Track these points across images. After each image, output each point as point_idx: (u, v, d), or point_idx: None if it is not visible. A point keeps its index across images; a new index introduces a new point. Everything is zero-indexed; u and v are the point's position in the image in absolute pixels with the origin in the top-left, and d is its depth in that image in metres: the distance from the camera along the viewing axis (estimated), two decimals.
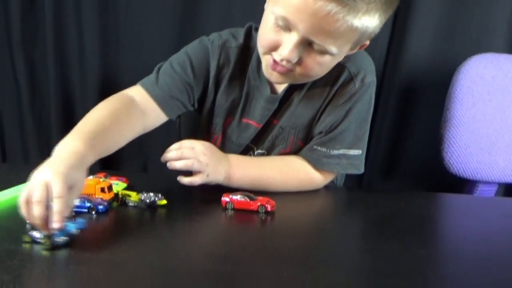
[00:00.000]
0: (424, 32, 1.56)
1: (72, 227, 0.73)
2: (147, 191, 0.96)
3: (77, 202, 0.88)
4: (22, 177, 1.01)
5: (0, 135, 1.76)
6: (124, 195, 0.96)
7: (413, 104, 1.64)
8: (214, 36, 1.15)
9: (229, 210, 0.95)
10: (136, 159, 1.70)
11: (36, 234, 0.72)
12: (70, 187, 0.75)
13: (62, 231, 0.72)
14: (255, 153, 1.19)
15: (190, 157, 0.99)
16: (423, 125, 1.62)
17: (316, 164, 1.12)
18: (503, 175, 1.51)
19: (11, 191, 0.97)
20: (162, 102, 1.09)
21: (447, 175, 1.52)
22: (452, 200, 1.25)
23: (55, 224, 0.71)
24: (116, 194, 0.96)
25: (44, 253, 0.71)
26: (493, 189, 1.57)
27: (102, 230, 0.84)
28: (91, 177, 1.02)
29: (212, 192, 1.01)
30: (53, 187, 0.72)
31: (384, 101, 1.63)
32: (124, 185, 1.03)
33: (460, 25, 1.56)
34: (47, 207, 0.71)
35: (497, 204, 1.24)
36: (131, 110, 1.03)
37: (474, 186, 1.55)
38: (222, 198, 0.96)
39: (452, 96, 1.48)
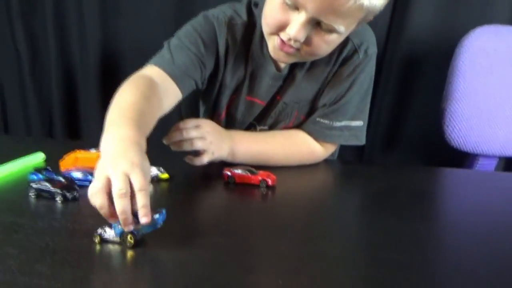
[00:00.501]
0: (427, 2, 1.54)
1: (160, 220, 0.68)
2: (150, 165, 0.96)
3: (79, 175, 0.89)
4: (24, 149, 1.03)
5: (2, 107, 1.76)
6: None
7: (415, 76, 1.63)
8: (217, 12, 1.12)
9: (231, 184, 0.96)
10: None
11: (108, 234, 0.67)
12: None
13: (151, 224, 0.67)
14: (258, 129, 1.20)
15: (196, 136, 0.99)
16: (424, 97, 1.62)
17: (319, 136, 1.13)
18: (503, 149, 1.52)
19: (13, 165, 0.98)
20: (180, 81, 1.04)
21: (448, 148, 1.52)
22: (452, 174, 1.25)
23: (144, 219, 0.66)
24: None
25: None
26: (493, 163, 1.58)
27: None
28: (93, 150, 1.03)
29: (214, 166, 1.02)
30: (134, 179, 0.66)
31: (385, 72, 1.62)
32: None
33: None
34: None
35: (497, 178, 1.25)
36: (156, 91, 0.98)
37: (474, 160, 1.55)
38: (224, 172, 0.97)
39: (454, 69, 1.47)
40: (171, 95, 1.03)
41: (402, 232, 0.79)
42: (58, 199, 0.82)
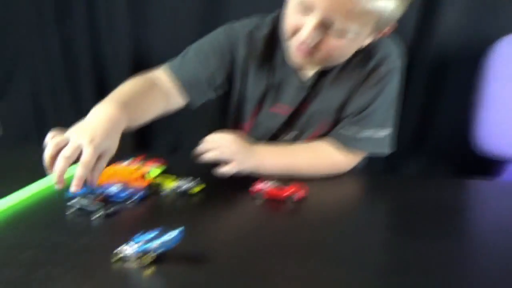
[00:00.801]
0: (458, 5, 1.53)
1: (176, 239, 0.72)
2: (181, 177, 0.99)
3: (116, 189, 0.93)
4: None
5: (36, 115, 1.81)
6: (158, 184, 1.00)
7: (444, 80, 1.63)
8: (238, 25, 1.17)
9: (259, 199, 0.98)
10: (168, 137, 1.75)
11: (128, 251, 0.71)
12: (101, 154, 0.82)
13: (167, 244, 0.71)
14: (287, 136, 1.22)
15: (218, 148, 1.02)
16: (452, 103, 1.62)
17: (345, 145, 1.14)
18: None
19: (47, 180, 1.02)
20: (184, 87, 1.12)
21: (475, 155, 1.52)
22: (484, 186, 1.23)
23: (73, 188, 0.79)
24: (151, 182, 1.00)
25: None
26: None
27: (137, 220, 0.89)
28: (127, 162, 1.06)
29: (244, 180, 1.04)
30: (84, 153, 0.78)
31: (412, 77, 1.61)
32: (160, 170, 1.07)
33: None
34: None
35: None
36: (155, 89, 1.08)
37: (503, 167, 1.55)
38: (252, 187, 0.99)
39: (483, 75, 1.47)
40: (172, 98, 1.11)
41: (431, 253, 0.79)
42: (96, 215, 0.85)
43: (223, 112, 1.29)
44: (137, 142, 1.73)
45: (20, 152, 1.30)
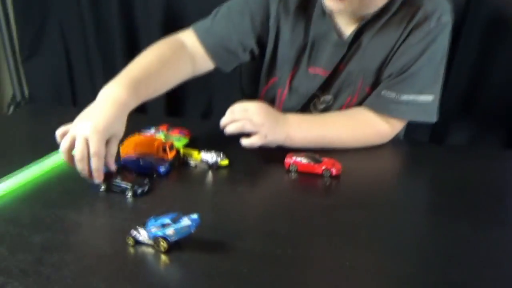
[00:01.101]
0: None
1: (193, 225, 0.65)
2: (209, 149, 0.93)
3: (137, 163, 0.88)
4: None
5: (70, 78, 1.77)
6: (186, 154, 0.94)
7: (498, 42, 1.48)
8: None
9: (292, 173, 0.91)
10: (200, 100, 1.68)
11: (142, 236, 0.67)
12: (108, 139, 0.81)
13: (184, 230, 0.65)
14: (321, 100, 1.13)
15: (242, 119, 0.95)
16: (507, 67, 1.47)
17: (384, 111, 1.05)
18: None
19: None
20: (212, 51, 1.06)
21: None
22: None
23: (97, 181, 0.80)
24: (178, 152, 0.94)
25: None
26: None
27: (165, 193, 0.84)
28: (152, 130, 1.01)
29: (275, 153, 0.97)
30: (90, 144, 0.78)
31: (464, 36, 1.47)
32: (186, 140, 1.01)
33: None
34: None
35: None
36: (180, 54, 1.03)
37: None
38: (286, 160, 0.92)
39: None
40: (199, 62, 1.06)
41: (480, 240, 0.72)
42: (129, 195, 0.80)
43: (256, 77, 1.21)
44: (169, 105, 1.67)
45: (52, 113, 1.25)
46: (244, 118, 0.94)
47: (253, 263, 0.64)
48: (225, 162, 0.93)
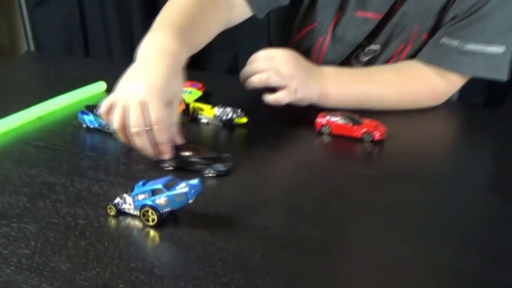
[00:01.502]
0: None
1: (192, 193, 0.50)
2: (224, 105, 0.77)
3: None
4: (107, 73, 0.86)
5: (83, 27, 1.62)
6: (197, 109, 0.78)
7: None
8: None
9: (325, 136, 0.74)
10: (226, 52, 1.51)
11: (125, 204, 0.52)
12: (168, 103, 0.62)
13: (181, 199, 0.50)
14: (365, 50, 0.94)
15: (267, 69, 0.77)
16: None
17: (443, 63, 0.85)
18: None
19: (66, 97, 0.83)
20: None
21: None
22: None
23: (167, 156, 0.62)
24: (187, 106, 0.78)
25: None
26: None
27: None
28: None
29: (304, 112, 0.80)
30: (150, 110, 0.59)
31: None
32: (199, 93, 0.86)
33: None
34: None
35: None
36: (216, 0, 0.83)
37: None
38: (317, 120, 0.75)
39: None
40: (236, 8, 0.87)
41: None
42: (208, 174, 0.61)
43: (287, 27, 1.03)
44: (191, 60, 1.51)
45: (64, 62, 1.11)
46: (270, 68, 0.77)
47: (268, 246, 0.48)
48: (243, 120, 0.76)
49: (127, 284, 0.42)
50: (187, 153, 0.62)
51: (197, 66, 1.53)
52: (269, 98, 0.77)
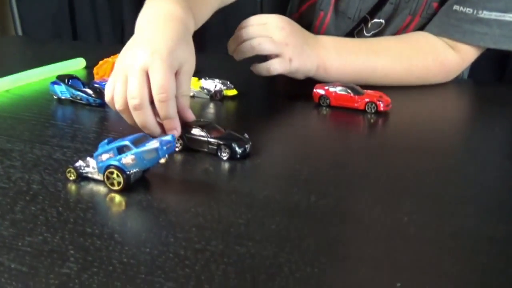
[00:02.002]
0: None
1: (164, 149, 0.42)
2: (211, 77, 0.70)
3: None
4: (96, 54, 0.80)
5: (71, 11, 1.55)
6: None
7: None
8: None
9: (324, 108, 0.67)
10: (222, 40, 1.44)
11: (87, 167, 0.45)
12: (178, 71, 0.53)
13: (150, 157, 0.42)
14: (369, 25, 0.86)
15: (262, 34, 0.70)
16: None
17: (454, 33, 0.77)
18: None
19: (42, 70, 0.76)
20: None
21: None
22: None
23: (173, 132, 0.50)
24: None
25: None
26: None
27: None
28: None
29: (301, 85, 0.72)
30: (153, 77, 0.50)
31: None
32: None
33: None
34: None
35: None
36: None
37: None
38: (315, 90, 0.68)
39: None
40: None
41: None
42: (224, 156, 0.51)
43: (281, 6, 0.97)
44: None
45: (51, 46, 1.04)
46: (262, 34, 0.70)
47: (254, 212, 0.40)
48: (232, 91, 0.69)
49: (79, 250, 0.34)
50: (197, 132, 0.52)
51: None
52: (260, 66, 0.70)
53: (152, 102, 0.50)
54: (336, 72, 0.74)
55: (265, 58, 0.71)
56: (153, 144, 0.42)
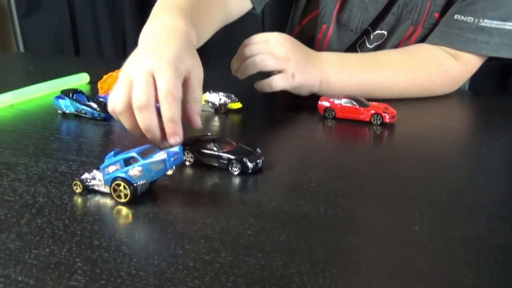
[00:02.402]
0: None
1: (171, 161, 0.42)
2: (216, 90, 0.70)
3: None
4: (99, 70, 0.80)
5: (72, 27, 1.57)
6: None
7: None
8: None
9: (329, 120, 0.67)
10: (224, 58, 1.45)
11: (94, 179, 0.44)
12: (186, 78, 0.52)
13: (158, 168, 0.42)
14: (371, 36, 0.86)
15: (265, 52, 0.70)
16: None
17: (456, 43, 0.78)
18: None
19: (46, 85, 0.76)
20: None
21: None
22: None
23: (173, 140, 0.49)
24: None
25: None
26: None
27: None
28: None
29: (305, 99, 0.72)
30: (158, 79, 0.49)
31: None
32: None
33: None
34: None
35: None
36: None
37: None
38: (320, 102, 0.68)
39: None
40: (233, 5, 0.79)
41: None
42: (235, 171, 0.50)
43: (281, 23, 0.97)
44: None
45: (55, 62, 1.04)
46: (264, 51, 0.70)
47: (263, 223, 0.40)
48: (237, 105, 0.69)
49: (86, 262, 0.34)
50: (208, 146, 0.50)
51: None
52: (262, 83, 0.70)
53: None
54: (340, 87, 0.74)
55: (268, 75, 0.71)
56: (161, 155, 0.42)
